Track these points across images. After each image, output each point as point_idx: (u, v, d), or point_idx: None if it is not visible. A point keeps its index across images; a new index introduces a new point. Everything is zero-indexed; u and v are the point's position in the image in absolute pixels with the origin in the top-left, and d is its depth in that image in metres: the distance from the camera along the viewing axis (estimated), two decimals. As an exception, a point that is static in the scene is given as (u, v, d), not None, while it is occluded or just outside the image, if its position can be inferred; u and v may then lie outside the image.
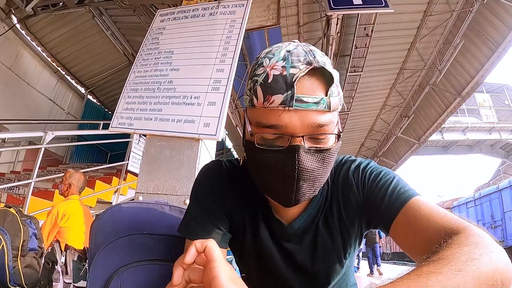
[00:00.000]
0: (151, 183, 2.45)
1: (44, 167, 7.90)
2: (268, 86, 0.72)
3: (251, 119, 0.78)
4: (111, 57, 9.81)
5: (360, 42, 7.61)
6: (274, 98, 0.71)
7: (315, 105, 0.71)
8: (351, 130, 13.47)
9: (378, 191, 0.82)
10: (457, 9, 7.72)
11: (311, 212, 0.90)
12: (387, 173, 0.85)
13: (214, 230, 0.88)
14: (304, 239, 0.91)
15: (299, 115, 0.71)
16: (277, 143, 0.75)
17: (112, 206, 1.09)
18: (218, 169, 0.96)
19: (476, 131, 21.04)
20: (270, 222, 0.92)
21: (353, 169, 0.89)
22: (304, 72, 0.71)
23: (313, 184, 0.77)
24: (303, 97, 0.71)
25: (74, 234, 3.15)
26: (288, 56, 0.74)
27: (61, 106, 10.20)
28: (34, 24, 8.30)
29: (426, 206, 0.73)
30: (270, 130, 0.74)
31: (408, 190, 0.79)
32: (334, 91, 0.75)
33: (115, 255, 0.96)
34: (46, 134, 4.58)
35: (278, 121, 0.72)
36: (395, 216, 0.76)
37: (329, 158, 0.77)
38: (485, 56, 8.24)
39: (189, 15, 3.10)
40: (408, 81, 10.27)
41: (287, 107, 0.70)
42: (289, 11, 6.88)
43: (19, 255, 2.20)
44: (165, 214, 1.10)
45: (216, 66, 2.61)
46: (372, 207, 0.83)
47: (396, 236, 0.77)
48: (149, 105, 2.66)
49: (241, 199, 0.93)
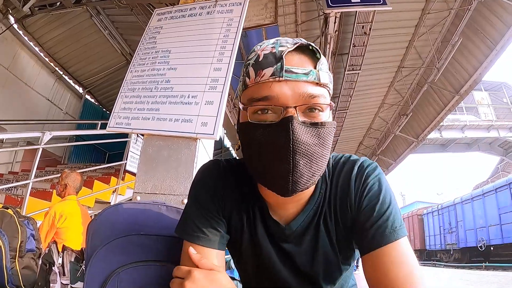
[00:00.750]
0: (149, 183, 2.43)
1: (42, 168, 7.89)
2: (259, 63, 0.75)
3: (244, 99, 0.79)
4: (108, 57, 9.80)
5: (358, 41, 7.60)
6: (264, 71, 0.74)
7: (304, 76, 0.74)
8: (350, 129, 13.46)
9: (369, 215, 0.81)
10: (455, 7, 7.73)
11: (309, 212, 0.88)
12: (385, 196, 0.83)
13: (212, 232, 0.86)
14: (303, 240, 0.89)
15: (289, 86, 0.73)
16: (270, 119, 0.75)
17: (109, 207, 1.08)
18: (216, 169, 0.95)
19: (474, 129, 21.06)
20: (268, 223, 0.90)
21: (355, 174, 0.87)
22: (291, 48, 0.75)
23: (311, 164, 0.74)
24: (293, 68, 0.74)
25: (72, 234, 3.15)
26: (277, 41, 0.79)
27: (59, 106, 10.20)
28: (31, 24, 8.30)
29: (400, 257, 0.75)
30: (262, 103, 0.74)
31: (395, 229, 0.78)
32: (323, 68, 0.77)
33: (112, 256, 0.95)
34: (44, 134, 4.57)
35: (269, 92, 0.73)
36: (372, 250, 0.77)
37: (325, 135, 0.76)
38: (483, 54, 8.24)
39: (186, 14, 3.09)
40: (406, 79, 10.26)
41: (277, 77, 0.73)
42: (287, 10, 6.87)
43: (17, 256, 2.20)
44: (162, 214, 1.09)
45: (213, 65, 2.60)
46: (359, 227, 0.82)
47: (365, 266, 0.79)
48: (146, 104, 2.65)
49: (239, 199, 0.91)
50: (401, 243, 0.77)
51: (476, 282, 8.24)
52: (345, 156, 0.93)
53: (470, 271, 12.68)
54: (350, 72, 8.62)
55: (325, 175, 0.89)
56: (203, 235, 0.85)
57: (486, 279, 8.86)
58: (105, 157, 11.96)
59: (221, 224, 0.89)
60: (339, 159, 0.92)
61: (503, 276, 9.48)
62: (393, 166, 16.36)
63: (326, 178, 0.89)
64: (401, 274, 0.72)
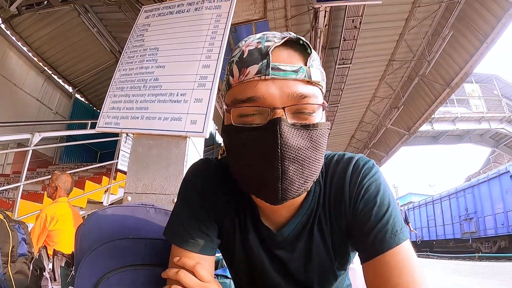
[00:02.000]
0: (140, 183, 2.42)
1: (33, 169, 7.80)
2: (243, 60, 0.69)
3: (228, 100, 0.73)
4: (98, 55, 9.72)
5: (349, 35, 7.61)
6: (249, 69, 0.67)
7: (294, 74, 0.67)
8: (341, 122, 13.53)
9: (367, 220, 0.75)
10: (445, 0, 7.74)
11: (301, 217, 0.83)
12: (383, 198, 0.76)
13: (201, 237, 0.82)
14: (296, 246, 0.85)
15: (277, 85, 0.66)
16: (256, 121, 0.69)
17: (96, 211, 1.07)
18: (207, 169, 0.90)
19: (465, 121, 21.24)
20: (259, 229, 0.86)
21: (350, 174, 0.80)
22: (279, 43, 0.69)
23: (302, 170, 0.68)
24: (280, 65, 0.67)
25: (64, 237, 3.13)
26: (263, 35, 0.72)
27: (48, 106, 10.08)
28: (19, 24, 8.18)
29: (402, 262, 0.70)
30: (247, 104, 0.68)
31: (396, 233, 0.72)
32: (314, 64, 0.71)
33: (101, 261, 0.94)
34: (33, 136, 4.52)
35: (254, 92, 0.67)
36: (373, 257, 0.72)
37: (318, 138, 0.69)
38: (474, 47, 8.30)
39: (174, 11, 3.05)
40: (397, 72, 10.32)
41: (263, 76, 0.66)
42: (276, 4, 6.84)
43: (9, 261, 2.16)
44: (150, 217, 1.08)
45: (202, 62, 2.58)
46: (356, 233, 0.77)
47: (365, 273, 0.74)
48: (135, 103, 2.62)
49: (230, 202, 0.87)
50: (403, 248, 0.71)
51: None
52: (339, 154, 0.86)
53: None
54: (341, 66, 8.63)
55: (318, 177, 0.80)
56: (192, 240, 0.81)
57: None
58: (97, 156, 11.86)
59: (211, 228, 0.85)
60: (332, 158, 0.86)
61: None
62: (385, 159, 16.45)
63: (320, 180, 0.83)
64: (404, 281, 0.67)
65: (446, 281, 6.63)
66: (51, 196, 3.46)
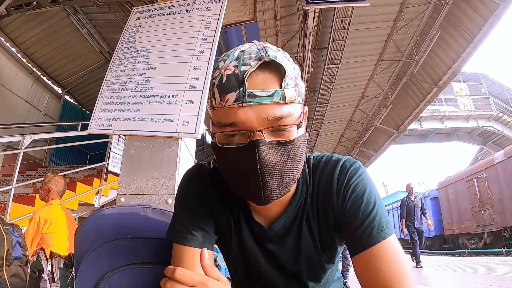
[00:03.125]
0: (133, 184, 2.42)
1: (23, 172, 7.72)
2: (222, 86, 0.73)
3: (214, 120, 0.79)
4: (87, 56, 9.67)
5: (338, 35, 7.68)
6: (228, 96, 0.72)
7: (269, 98, 0.72)
8: (331, 122, 13.62)
9: (355, 217, 0.82)
10: (433, 1, 7.88)
11: (290, 214, 0.90)
12: (369, 196, 0.83)
13: (200, 233, 0.89)
14: (286, 241, 0.92)
15: (254, 110, 0.72)
16: (239, 141, 0.75)
17: (95, 212, 1.10)
18: (201, 174, 0.96)
19: (453, 119, 21.53)
20: (252, 225, 0.93)
21: (337, 174, 0.87)
22: (254, 67, 0.73)
23: (282, 179, 0.76)
24: (256, 91, 0.71)
25: (57, 239, 3.11)
26: (240, 56, 0.75)
27: (38, 107, 9.97)
28: (7, 25, 8.09)
29: (388, 255, 0.78)
30: (230, 128, 0.74)
31: (382, 229, 0.80)
32: (290, 83, 0.75)
33: (101, 260, 0.97)
34: (24, 138, 4.49)
35: (235, 118, 0.72)
36: (362, 251, 0.79)
37: (295, 150, 0.76)
38: (461, 46, 8.43)
39: (165, 12, 3.06)
40: (386, 72, 10.42)
41: (240, 104, 0.71)
42: (266, 5, 6.87)
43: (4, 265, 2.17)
44: (147, 217, 1.12)
45: (193, 63, 2.59)
46: (345, 230, 0.84)
47: (355, 266, 0.82)
48: (127, 105, 2.62)
49: (225, 202, 0.94)
50: (389, 241, 0.79)
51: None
52: (327, 156, 0.93)
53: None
54: (330, 66, 8.70)
55: (305, 177, 0.91)
56: (191, 237, 0.87)
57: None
58: (87, 158, 11.75)
59: (209, 225, 0.91)
60: (321, 159, 0.93)
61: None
62: (374, 158, 16.59)
63: (307, 180, 0.91)
64: (391, 272, 0.76)
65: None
66: (44, 199, 3.44)
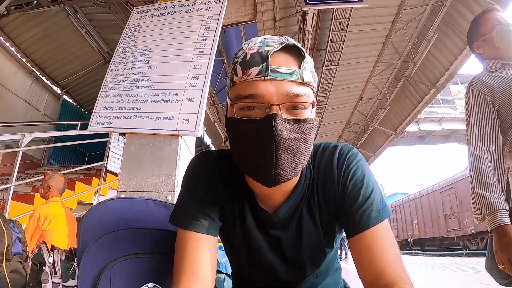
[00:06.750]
0: (133, 181, 2.44)
1: (22, 171, 7.70)
2: (246, 62, 0.79)
3: (232, 95, 0.83)
4: (86, 56, 9.66)
5: (336, 36, 7.70)
6: (251, 70, 0.77)
7: (289, 76, 0.77)
8: (329, 123, 13.64)
9: (355, 200, 0.87)
10: (431, 3, 7.90)
11: (295, 199, 0.93)
12: (368, 180, 0.89)
13: (205, 218, 0.90)
14: (289, 226, 0.95)
15: (274, 85, 0.77)
16: (255, 115, 0.79)
17: (98, 203, 1.12)
18: (207, 161, 0.99)
19: (451, 121, 21.55)
20: (257, 212, 0.95)
21: (336, 160, 0.93)
22: (277, 48, 0.79)
23: (293, 157, 0.79)
24: (278, 68, 0.77)
25: (57, 236, 3.12)
26: (264, 39, 0.82)
27: (36, 107, 9.98)
28: (7, 24, 8.09)
29: (385, 237, 0.84)
30: (248, 100, 0.78)
31: (380, 211, 0.85)
32: (307, 67, 0.81)
33: (103, 251, 0.99)
34: (23, 136, 4.49)
35: (255, 90, 0.77)
36: (358, 233, 0.84)
37: (308, 131, 0.80)
38: (459, 48, 8.43)
39: (165, 12, 3.09)
40: (384, 73, 10.45)
41: (263, 77, 0.76)
42: (265, 6, 6.90)
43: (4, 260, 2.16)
44: (149, 209, 1.13)
45: (193, 62, 2.62)
46: (346, 211, 0.88)
47: (353, 247, 0.86)
48: (127, 103, 2.65)
49: (230, 190, 0.96)
50: (385, 224, 0.85)
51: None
52: (325, 143, 0.98)
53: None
54: (328, 67, 8.70)
55: (309, 163, 0.94)
56: (196, 222, 0.89)
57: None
58: (85, 158, 11.76)
59: (214, 211, 0.93)
60: (319, 146, 0.97)
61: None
62: (372, 159, 16.56)
63: (310, 166, 0.94)
64: (388, 253, 0.81)
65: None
66: (44, 196, 3.46)
